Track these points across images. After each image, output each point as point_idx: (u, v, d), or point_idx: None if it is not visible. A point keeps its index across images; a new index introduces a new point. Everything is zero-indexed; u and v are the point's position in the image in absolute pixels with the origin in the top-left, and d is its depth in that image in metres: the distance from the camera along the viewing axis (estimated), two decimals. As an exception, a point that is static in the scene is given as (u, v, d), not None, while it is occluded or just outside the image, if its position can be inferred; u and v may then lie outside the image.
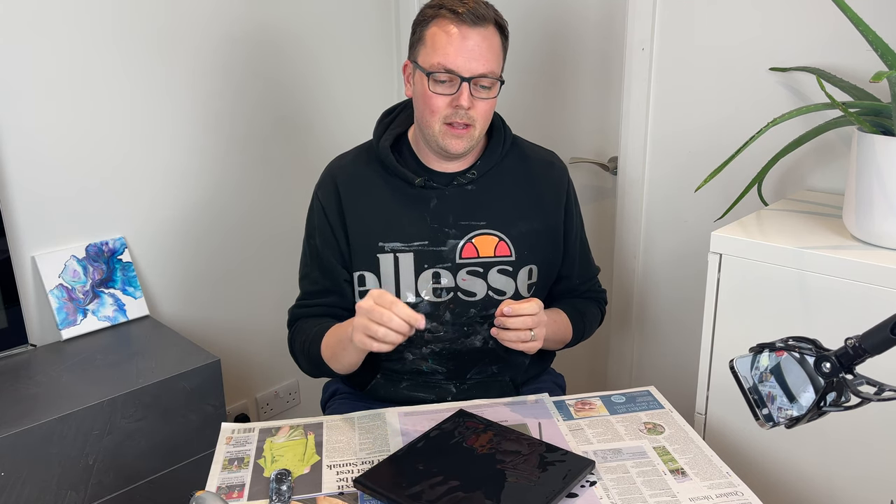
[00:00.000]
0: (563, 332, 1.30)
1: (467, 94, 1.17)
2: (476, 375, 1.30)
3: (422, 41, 1.20)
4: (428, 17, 1.19)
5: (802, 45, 1.48)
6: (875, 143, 1.13)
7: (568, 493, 0.98)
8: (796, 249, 1.18)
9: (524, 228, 1.29)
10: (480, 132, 1.23)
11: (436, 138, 1.22)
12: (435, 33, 1.17)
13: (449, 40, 1.16)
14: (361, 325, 1.05)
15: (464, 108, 1.17)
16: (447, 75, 1.17)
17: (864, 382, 0.74)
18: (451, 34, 1.16)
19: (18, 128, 1.57)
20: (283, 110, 2.04)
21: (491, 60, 1.17)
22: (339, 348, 1.18)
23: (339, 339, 1.18)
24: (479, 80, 1.18)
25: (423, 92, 1.19)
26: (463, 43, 1.15)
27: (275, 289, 2.09)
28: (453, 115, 1.19)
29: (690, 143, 1.70)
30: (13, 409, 1.36)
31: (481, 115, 1.21)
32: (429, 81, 1.18)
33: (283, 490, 0.99)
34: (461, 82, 1.17)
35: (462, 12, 1.15)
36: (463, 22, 1.15)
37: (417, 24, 1.22)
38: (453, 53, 1.16)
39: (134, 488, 1.46)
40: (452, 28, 1.16)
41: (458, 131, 1.20)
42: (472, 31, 1.16)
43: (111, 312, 1.71)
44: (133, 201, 1.78)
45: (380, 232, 1.26)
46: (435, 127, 1.20)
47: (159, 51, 1.76)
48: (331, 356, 1.20)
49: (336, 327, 1.21)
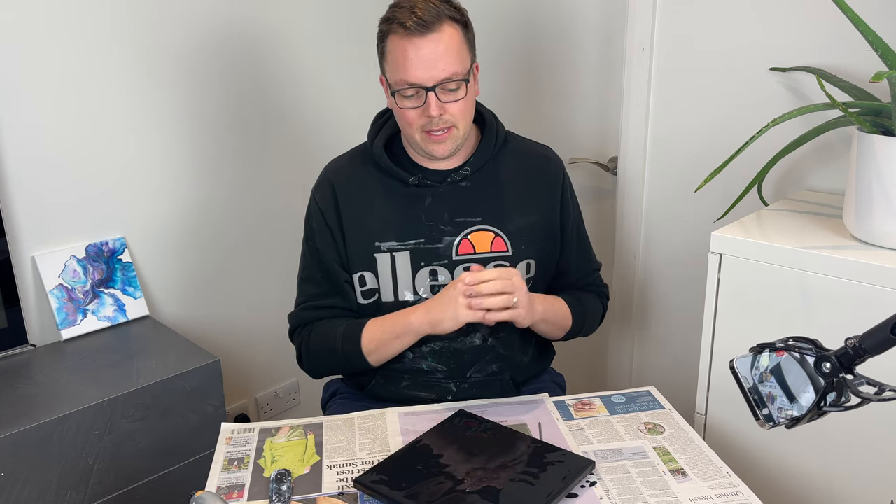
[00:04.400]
0: (561, 316, 1.30)
1: (435, 102, 1.17)
2: (476, 374, 1.30)
3: (384, 57, 1.21)
4: (384, 33, 1.19)
5: (802, 45, 1.48)
6: (875, 143, 1.13)
7: (568, 494, 0.98)
8: (796, 249, 1.18)
9: (520, 223, 1.29)
10: (464, 130, 1.23)
11: (419, 145, 1.23)
12: (392, 50, 1.18)
13: (405, 55, 1.16)
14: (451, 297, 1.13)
15: (435, 117, 1.18)
16: (412, 89, 1.17)
17: (864, 382, 0.74)
18: (405, 49, 1.15)
19: (18, 128, 1.57)
20: (283, 110, 2.04)
21: (451, 62, 1.16)
22: (390, 339, 1.22)
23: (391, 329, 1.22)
24: (444, 85, 1.17)
25: (395, 107, 1.22)
26: (418, 55, 1.15)
27: (275, 289, 2.09)
28: (428, 124, 1.19)
29: (690, 143, 1.70)
30: (13, 409, 1.36)
31: (458, 114, 1.20)
32: (396, 98, 1.19)
33: (283, 490, 0.99)
34: (426, 92, 1.17)
35: (410, 25, 1.14)
36: (413, 34, 1.14)
37: (378, 39, 1.22)
38: (412, 68, 1.15)
39: (134, 488, 1.46)
40: (405, 42, 1.15)
41: (439, 136, 1.21)
42: (424, 40, 1.15)
43: (111, 312, 1.71)
44: (133, 201, 1.78)
45: (376, 232, 1.26)
46: (416, 136, 1.22)
47: (159, 51, 1.76)
48: (376, 349, 1.24)
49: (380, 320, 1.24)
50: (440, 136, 1.20)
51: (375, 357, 1.25)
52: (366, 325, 1.25)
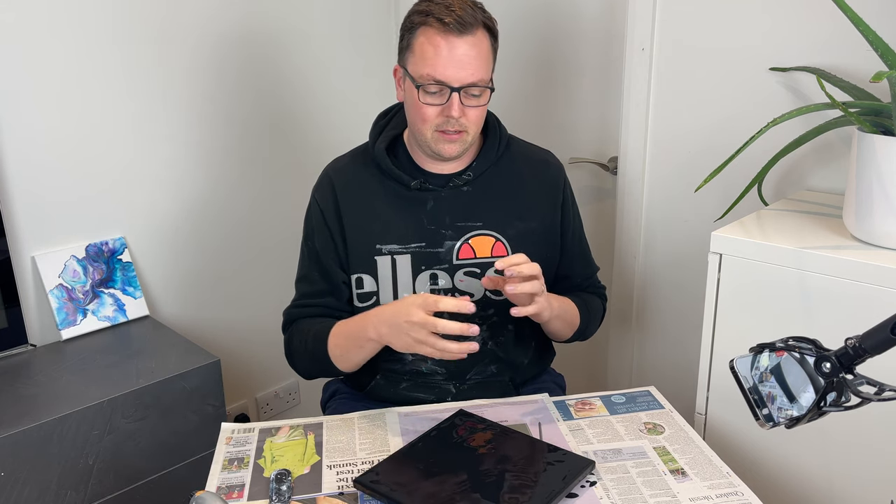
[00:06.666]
0: (572, 314, 1.30)
1: (457, 104, 1.17)
2: (476, 376, 1.30)
3: (410, 49, 1.20)
4: (416, 24, 1.18)
5: (802, 45, 1.48)
6: (875, 143, 1.13)
7: (568, 494, 0.98)
8: (796, 249, 1.18)
9: (521, 228, 1.29)
10: (474, 136, 1.24)
11: (428, 144, 1.22)
12: (423, 43, 1.17)
13: (437, 51, 1.15)
14: (417, 340, 1.06)
15: (454, 118, 1.18)
16: (437, 86, 1.16)
17: (864, 382, 0.74)
18: (439, 45, 1.15)
19: (19, 128, 1.57)
20: (282, 110, 2.04)
21: (480, 68, 1.17)
22: (353, 346, 1.19)
23: (353, 337, 1.18)
24: (468, 90, 1.17)
25: (414, 101, 1.20)
26: (451, 53, 1.15)
27: (275, 289, 2.09)
28: (445, 124, 1.19)
29: (690, 143, 1.70)
30: (13, 409, 1.36)
31: (473, 121, 1.21)
32: (419, 92, 1.18)
33: (283, 490, 0.99)
34: (451, 92, 1.16)
35: (449, 22, 1.13)
36: (450, 31, 1.14)
37: (406, 29, 1.21)
38: (442, 65, 1.15)
39: (134, 488, 1.46)
40: (439, 39, 1.15)
41: (451, 136, 1.20)
42: (460, 40, 1.15)
43: (111, 312, 1.71)
44: (133, 201, 1.78)
45: (377, 234, 1.26)
46: (427, 134, 1.21)
47: (159, 51, 1.76)
48: (340, 354, 1.21)
49: (344, 324, 1.22)
50: (453, 136, 1.20)
51: (343, 364, 1.22)
52: (332, 329, 1.22)
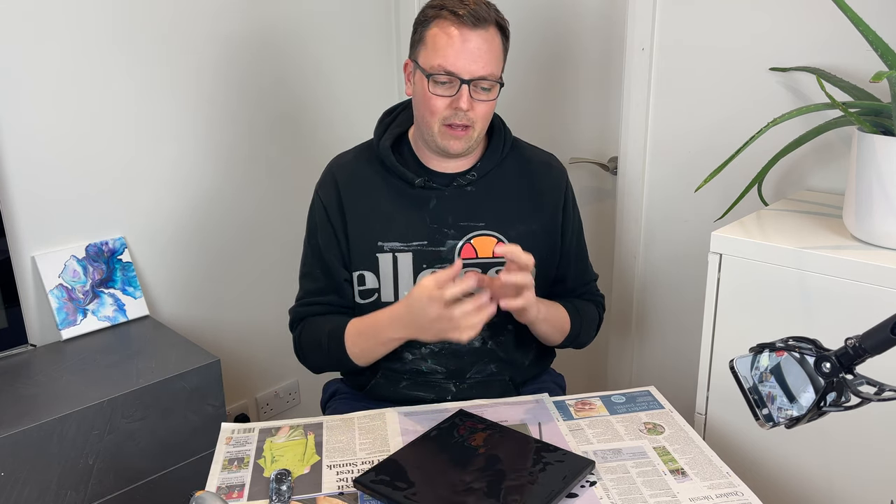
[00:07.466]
0: (561, 319, 1.30)
1: (467, 96, 1.17)
2: (475, 375, 1.30)
3: (422, 41, 1.20)
4: (429, 18, 1.19)
5: (802, 45, 1.48)
6: (875, 143, 1.13)
7: (568, 494, 0.98)
8: (796, 249, 1.18)
9: (522, 230, 1.29)
10: (480, 133, 1.24)
11: (434, 138, 1.22)
12: (436, 34, 1.18)
13: (449, 42, 1.16)
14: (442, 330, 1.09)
15: (463, 110, 1.18)
16: (447, 77, 1.17)
17: (864, 382, 0.74)
18: (452, 36, 1.16)
19: (18, 128, 1.57)
20: (283, 110, 2.04)
21: (491, 62, 1.18)
22: (375, 345, 1.22)
23: (373, 336, 1.21)
24: (478, 83, 1.18)
25: (423, 92, 1.20)
26: (463, 45, 1.16)
27: (275, 289, 2.09)
28: (452, 117, 1.19)
29: (690, 144, 1.70)
30: (13, 409, 1.36)
31: (480, 116, 1.21)
32: (429, 83, 1.18)
33: (283, 490, 0.99)
34: (461, 84, 1.17)
35: (463, 14, 1.15)
36: (464, 24, 1.15)
37: (419, 23, 1.22)
38: (454, 56, 1.16)
39: (134, 488, 1.46)
40: (453, 30, 1.16)
41: (458, 132, 1.21)
42: (473, 32, 1.16)
43: (111, 312, 1.71)
44: (133, 201, 1.78)
45: (379, 231, 1.26)
46: (434, 127, 1.21)
47: (160, 51, 1.76)
48: (361, 353, 1.23)
49: (360, 323, 1.24)
50: (460, 132, 1.21)
51: (363, 360, 1.25)
52: (347, 328, 1.25)
